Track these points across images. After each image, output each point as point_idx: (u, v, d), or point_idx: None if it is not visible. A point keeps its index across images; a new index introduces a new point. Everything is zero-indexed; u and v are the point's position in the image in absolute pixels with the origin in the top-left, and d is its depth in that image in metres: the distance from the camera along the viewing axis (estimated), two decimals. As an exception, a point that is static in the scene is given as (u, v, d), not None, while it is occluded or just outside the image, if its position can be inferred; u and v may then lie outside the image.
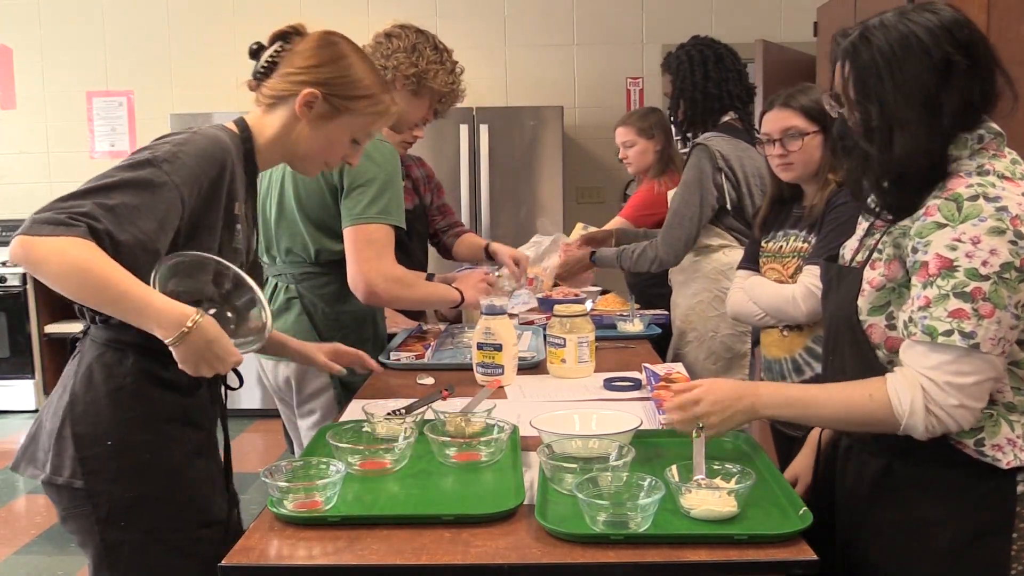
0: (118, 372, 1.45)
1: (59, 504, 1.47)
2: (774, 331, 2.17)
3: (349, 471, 1.39)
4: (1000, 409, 1.27)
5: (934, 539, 1.29)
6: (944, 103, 1.25)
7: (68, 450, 1.42)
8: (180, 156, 1.41)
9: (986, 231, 1.19)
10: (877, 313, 1.33)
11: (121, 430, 1.43)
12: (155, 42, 5.83)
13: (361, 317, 2.25)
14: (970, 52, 1.26)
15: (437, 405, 1.69)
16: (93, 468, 1.42)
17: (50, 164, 5.94)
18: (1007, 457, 1.25)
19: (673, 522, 1.23)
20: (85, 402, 1.43)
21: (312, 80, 1.57)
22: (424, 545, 1.20)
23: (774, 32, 5.43)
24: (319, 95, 1.57)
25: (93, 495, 1.42)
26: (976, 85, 1.27)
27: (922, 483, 1.31)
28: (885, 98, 1.27)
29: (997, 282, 1.18)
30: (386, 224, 2.06)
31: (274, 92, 1.59)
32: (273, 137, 1.60)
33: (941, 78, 1.25)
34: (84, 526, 1.45)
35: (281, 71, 1.60)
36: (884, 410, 1.26)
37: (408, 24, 2.31)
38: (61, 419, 1.44)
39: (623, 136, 3.51)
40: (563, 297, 2.86)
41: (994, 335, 1.19)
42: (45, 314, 5.63)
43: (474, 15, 5.70)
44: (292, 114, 1.58)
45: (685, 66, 2.75)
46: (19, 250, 1.32)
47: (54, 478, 1.43)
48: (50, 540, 3.56)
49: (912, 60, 1.26)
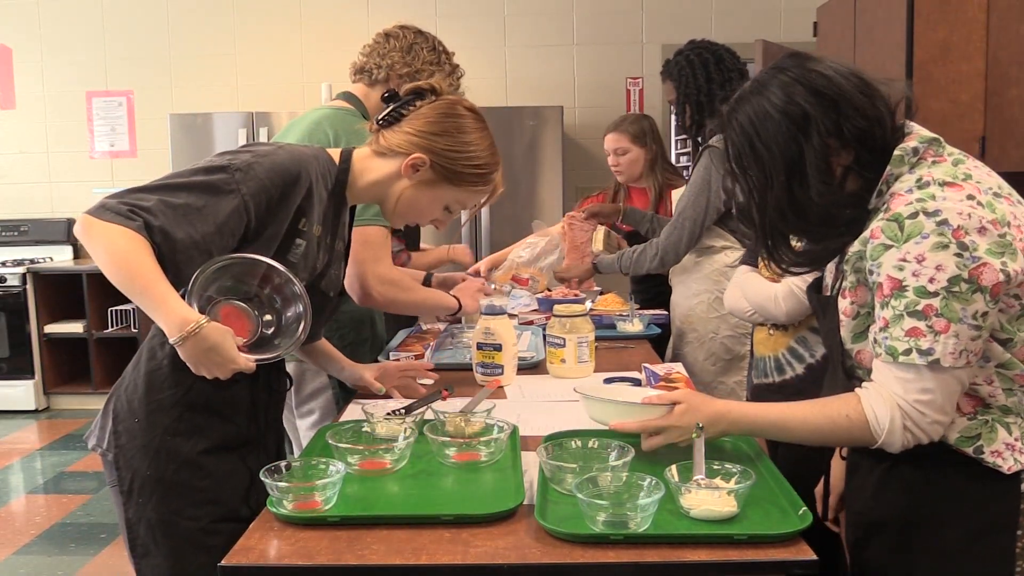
0: (159, 355, 1.52)
1: (107, 472, 1.55)
2: (763, 329, 2.19)
3: (349, 471, 1.39)
4: (995, 413, 1.27)
5: (940, 537, 1.29)
6: (807, 156, 1.28)
7: (108, 423, 1.53)
8: (255, 168, 1.47)
9: (929, 248, 1.19)
10: (860, 340, 1.34)
11: (150, 409, 1.50)
12: (155, 42, 5.83)
13: (359, 318, 2.25)
14: (827, 93, 1.28)
15: (437, 405, 1.69)
16: (122, 442, 1.51)
17: (50, 164, 5.94)
18: (1008, 463, 1.25)
19: (673, 522, 1.23)
20: (129, 379, 1.54)
21: (426, 146, 1.61)
22: (424, 545, 1.20)
23: (774, 32, 5.44)
24: (427, 162, 1.61)
25: (120, 468, 1.51)
26: (847, 123, 1.27)
27: (926, 483, 1.31)
28: (755, 166, 1.32)
29: (947, 297, 1.19)
30: (382, 226, 2.05)
31: (389, 144, 1.64)
32: (373, 182, 1.65)
33: (803, 133, 1.28)
34: (114, 498, 1.54)
35: (403, 126, 1.64)
36: (861, 429, 1.27)
37: (410, 25, 2.30)
38: (112, 393, 1.56)
39: (615, 143, 3.38)
40: (563, 297, 2.87)
41: (953, 349, 1.20)
42: (45, 314, 5.63)
43: (474, 15, 5.70)
44: (398, 170, 1.63)
45: (686, 71, 2.75)
46: (80, 227, 1.39)
47: (96, 447, 1.55)
48: (50, 540, 3.56)
49: (770, 124, 1.30)
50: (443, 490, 1.39)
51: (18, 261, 5.68)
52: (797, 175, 1.29)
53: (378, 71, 2.22)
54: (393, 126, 1.64)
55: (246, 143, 1.54)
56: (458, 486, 1.40)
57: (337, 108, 2.20)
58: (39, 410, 5.61)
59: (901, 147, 1.29)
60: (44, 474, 4.45)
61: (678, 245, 2.67)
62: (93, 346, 5.57)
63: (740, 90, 1.37)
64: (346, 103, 2.23)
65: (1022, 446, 1.26)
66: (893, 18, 3.99)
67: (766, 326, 2.17)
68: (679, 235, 2.66)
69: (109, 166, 5.90)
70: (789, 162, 1.29)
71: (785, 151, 1.29)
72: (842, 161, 1.29)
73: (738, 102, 1.35)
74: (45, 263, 5.71)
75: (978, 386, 1.26)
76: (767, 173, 1.31)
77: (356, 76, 2.28)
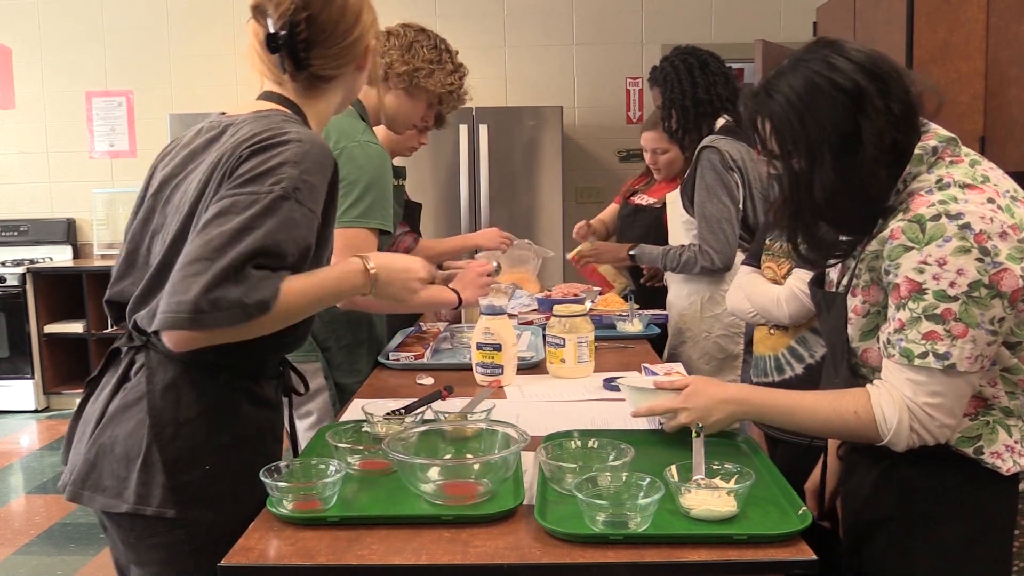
0: (210, 390, 1.35)
1: (134, 532, 1.35)
2: (764, 328, 2.19)
3: (348, 471, 1.39)
4: (997, 415, 1.27)
5: (937, 536, 1.29)
6: (864, 133, 1.24)
7: (157, 477, 1.31)
8: (308, 178, 1.31)
9: (951, 251, 1.18)
10: (868, 338, 1.33)
11: (218, 452, 1.34)
12: (155, 42, 5.83)
13: (356, 318, 2.24)
14: (878, 74, 1.25)
15: (437, 405, 1.69)
16: (189, 496, 1.32)
17: (49, 164, 5.94)
18: (1007, 464, 1.25)
19: (672, 522, 1.23)
20: (175, 422, 1.33)
21: (336, 61, 1.53)
22: (424, 545, 1.20)
23: (774, 32, 5.44)
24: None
25: (188, 524, 1.32)
26: (895, 104, 1.25)
27: (924, 483, 1.31)
28: (803, 142, 1.26)
29: (967, 302, 1.18)
30: (367, 228, 2.03)
31: (318, 75, 1.50)
32: (330, 112, 1.58)
33: (857, 109, 1.24)
34: (169, 555, 1.34)
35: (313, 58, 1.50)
36: (868, 426, 1.27)
37: (412, 23, 2.29)
38: (145, 444, 1.31)
39: (655, 142, 3.20)
40: (563, 297, 2.87)
41: (970, 354, 1.20)
42: (45, 314, 5.63)
43: (474, 15, 5.70)
44: (340, 85, 1.56)
45: (672, 76, 2.79)
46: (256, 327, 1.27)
47: (141, 508, 1.31)
48: (50, 540, 3.56)
49: (823, 99, 1.25)
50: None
51: (18, 261, 5.68)
52: (849, 154, 1.24)
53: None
54: (302, 64, 1.45)
55: (258, 145, 1.32)
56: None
57: (336, 107, 2.20)
58: (39, 410, 5.62)
59: (921, 145, 1.27)
60: (44, 474, 4.45)
61: (726, 250, 2.63)
62: (93, 346, 5.57)
63: (775, 69, 1.32)
64: (345, 102, 2.22)
65: (1021, 448, 1.26)
66: (893, 18, 3.99)
67: (767, 326, 2.18)
68: (722, 240, 2.63)
69: (109, 166, 5.90)
70: (842, 140, 1.24)
71: (840, 126, 1.24)
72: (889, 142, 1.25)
73: (777, 78, 1.29)
74: (45, 263, 5.71)
75: (981, 387, 1.26)
76: (814, 152, 1.25)
77: None
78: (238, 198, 1.26)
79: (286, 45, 1.41)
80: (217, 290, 1.18)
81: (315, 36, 1.42)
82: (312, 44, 1.42)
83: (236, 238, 1.22)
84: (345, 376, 2.20)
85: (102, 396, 1.40)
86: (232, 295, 1.19)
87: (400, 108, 2.26)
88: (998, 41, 3.81)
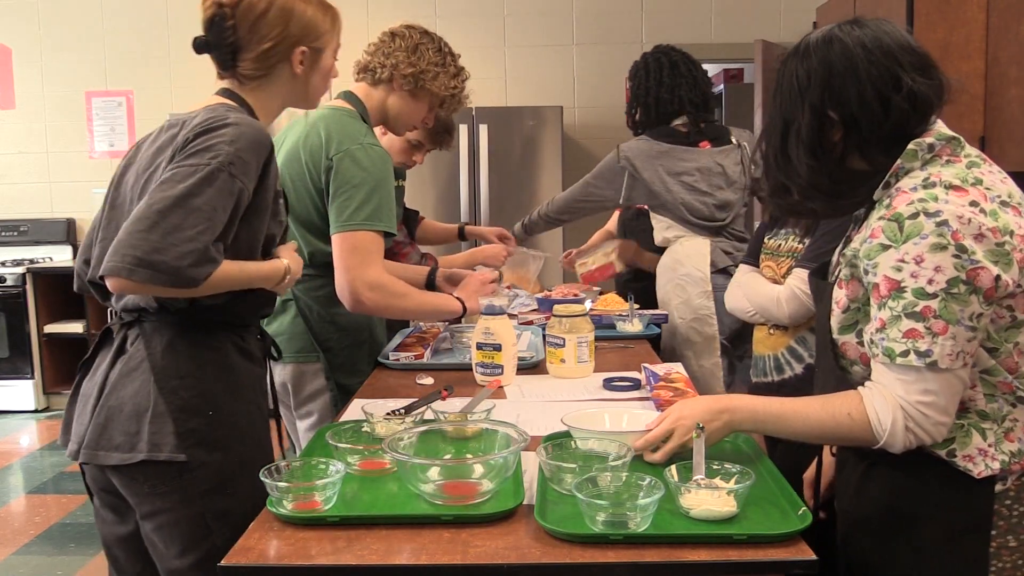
0: (207, 344, 1.53)
1: (148, 481, 1.48)
2: (764, 328, 2.19)
3: (348, 471, 1.39)
4: (973, 418, 1.27)
5: (917, 535, 1.30)
6: (895, 102, 1.28)
7: (167, 426, 1.46)
8: (242, 155, 1.48)
9: (928, 248, 1.19)
10: (848, 331, 1.34)
11: (217, 400, 1.51)
12: (154, 42, 5.83)
13: (356, 321, 2.24)
14: (915, 53, 1.30)
15: (437, 405, 1.69)
16: (196, 440, 1.48)
17: (49, 164, 5.94)
18: (978, 467, 1.26)
19: (672, 522, 1.23)
20: (178, 376, 1.49)
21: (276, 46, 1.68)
22: (423, 545, 1.20)
23: (774, 32, 5.44)
24: (300, 52, 1.68)
25: (198, 466, 1.47)
26: (920, 86, 1.29)
27: (904, 483, 1.31)
28: (848, 97, 1.30)
29: (946, 298, 1.19)
30: (372, 231, 2.03)
31: (254, 72, 1.68)
32: (284, 104, 1.77)
33: (896, 79, 1.28)
34: (182, 499, 1.48)
35: (250, 53, 1.67)
36: (863, 429, 1.27)
37: (416, 25, 2.29)
38: (152, 398, 1.47)
39: None
40: (563, 297, 2.87)
41: (951, 351, 1.20)
42: (44, 314, 5.63)
43: (474, 15, 5.70)
44: (291, 75, 1.70)
45: (642, 73, 2.92)
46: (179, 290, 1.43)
47: (155, 455, 1.45)
48: (50, 540, 3.56)
49: (876, 60, 1.29)
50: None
51: (18, 261, 5.68)
52: (881, 113, 1.28)
53: (382, 70, 2.22)
54: (241, 62, 1.63)
55: (197, 124, 1.51)
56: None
57: (335, 108, 2.20)
58: (39, 410, 5.62)
59: (916, 141, 1.28)
60: (44, 474, 4.45)
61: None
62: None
63: (808, 38, 1.35)
64: (346, 103, 2.23)
65: (995, 452, 1.26)
66: (893, 18, 3.99)
67: (766, 325, 2.17)
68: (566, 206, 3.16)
69: (108, 166, 5.90)
70: (879, 103, 1.28)
71: (882, 89, 1.28)
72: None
73: (824, 41, 1.32)
74: (45, 263, 5.71)
75: None
76: (854, 111, 1.29)
77: (359, 75, 2.28)
78: (179, 169, 1.44)
79: (212, 47, 1.62)
80: (158, 254, 1.35)
81: (239, 41, 1.61)
82: (238, 48, 1.61)
83: (178, 203, 1.39)
84: (346, 377, 2.20)
85: (99, 371, 1.56)
86: (172, 262, 1.36)
87: (403, 109, 2.26)
88: (998, 41, 3.81)
